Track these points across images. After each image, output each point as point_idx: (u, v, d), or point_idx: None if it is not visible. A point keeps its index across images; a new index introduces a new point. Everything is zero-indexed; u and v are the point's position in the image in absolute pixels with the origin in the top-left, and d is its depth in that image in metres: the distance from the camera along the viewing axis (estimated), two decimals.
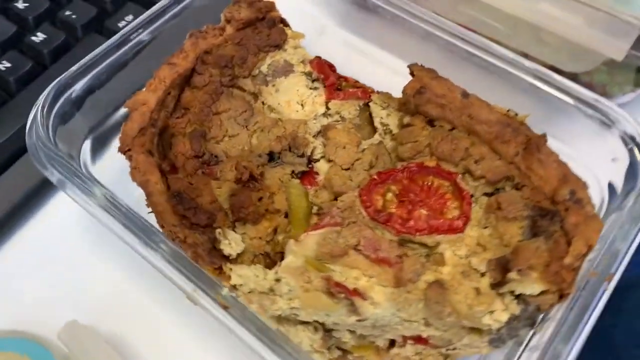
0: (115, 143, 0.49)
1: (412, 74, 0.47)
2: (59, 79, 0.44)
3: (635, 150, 0.40)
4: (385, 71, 0.56)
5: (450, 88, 0.45)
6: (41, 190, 0.52)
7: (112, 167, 0.47)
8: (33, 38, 0.59)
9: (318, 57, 0.52)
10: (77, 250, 0.50)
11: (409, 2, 0.54)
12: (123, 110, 0.49)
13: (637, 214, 0.38)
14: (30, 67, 0.57)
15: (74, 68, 0.45)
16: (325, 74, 0.51)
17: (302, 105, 0.50)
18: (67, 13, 0.61)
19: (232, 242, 0.40)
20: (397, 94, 0.48)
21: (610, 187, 0.41)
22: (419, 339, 0.42)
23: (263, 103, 0.50)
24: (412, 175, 0.42)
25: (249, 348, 0.34)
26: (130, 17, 0.62)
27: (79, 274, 0.49)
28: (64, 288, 0.48)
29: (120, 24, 0.61)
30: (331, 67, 0.53)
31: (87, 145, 0.46)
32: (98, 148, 0.47)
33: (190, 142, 0.46)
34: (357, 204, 0.41)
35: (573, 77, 0.51)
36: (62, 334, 0.44)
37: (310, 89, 0.51)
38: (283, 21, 0.55)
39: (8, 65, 0.57)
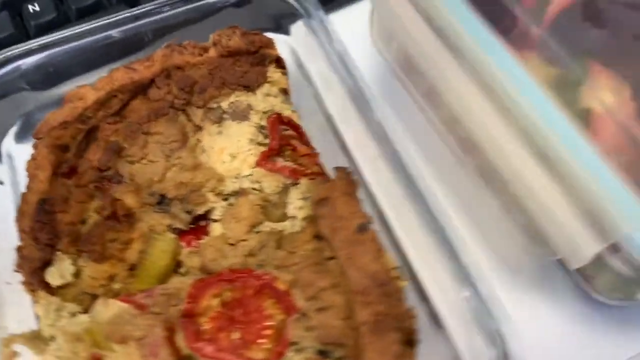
0: None
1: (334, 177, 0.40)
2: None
3: None
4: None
5: (352, 213, 0.38)
6: None
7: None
8: None
9: (278, 115, 0.47)
10: None
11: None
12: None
13: None
14: None
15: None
16: (272, 135, 0.46)
17: (232, 158, 0.46)
18: None
19: (59, 272, 0.39)
20: None
21: None
22: None
23: (199, 140, 0.47)
24: (256, 291, 0.37)
25: None
26: None
27: None
28: None
29: None
30: (297, 128, 0.48)
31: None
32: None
33: (102, 153, 0.45)
34: (184, 294, 0.37)
35: None
36: None
37: (256, 144, 0.47)
38: (279, 61, 0.51)
39: None
